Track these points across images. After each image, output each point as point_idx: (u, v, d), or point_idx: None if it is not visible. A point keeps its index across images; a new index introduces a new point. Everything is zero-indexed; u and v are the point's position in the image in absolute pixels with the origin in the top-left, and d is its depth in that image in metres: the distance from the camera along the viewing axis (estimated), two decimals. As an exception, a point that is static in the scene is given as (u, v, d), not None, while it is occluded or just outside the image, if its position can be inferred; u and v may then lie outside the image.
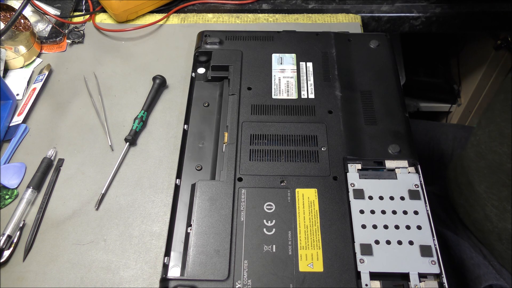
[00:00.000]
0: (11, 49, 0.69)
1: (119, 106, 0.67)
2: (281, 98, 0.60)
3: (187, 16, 0.80)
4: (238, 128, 0.57)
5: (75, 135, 0.64)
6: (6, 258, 0.52)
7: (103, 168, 0.60)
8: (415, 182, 0.52)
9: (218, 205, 0.50)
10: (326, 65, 0.64)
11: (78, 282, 0.51)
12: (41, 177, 0.58)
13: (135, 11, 0.77)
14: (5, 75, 0.70)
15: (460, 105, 1.35)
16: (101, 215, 0.56)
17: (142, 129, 0.64)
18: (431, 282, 0.45)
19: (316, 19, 0.79)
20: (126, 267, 0.52)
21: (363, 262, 0.46)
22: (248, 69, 0.63)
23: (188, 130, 0.59)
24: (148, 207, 0.57)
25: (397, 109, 0.58)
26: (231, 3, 0.81)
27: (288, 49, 0.66)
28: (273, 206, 0.50)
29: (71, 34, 0.75)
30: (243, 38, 0.67)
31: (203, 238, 0.48)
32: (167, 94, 0.68)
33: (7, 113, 0.64)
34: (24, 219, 0.56)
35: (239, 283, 0.45)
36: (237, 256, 0.46)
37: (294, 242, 0.47)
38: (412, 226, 0.48)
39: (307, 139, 0.56)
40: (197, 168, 0.55)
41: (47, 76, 0.70)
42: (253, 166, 0.53)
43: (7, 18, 0.71)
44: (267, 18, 0.79)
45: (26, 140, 0.63)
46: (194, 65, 0.66)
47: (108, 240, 0.54)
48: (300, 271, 0.45)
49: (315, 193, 0.51)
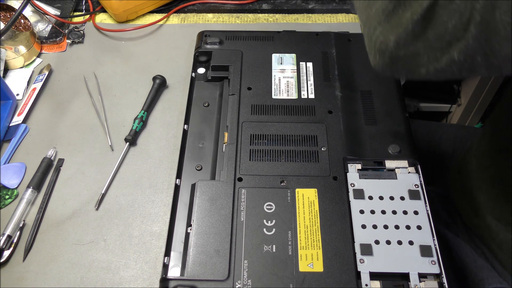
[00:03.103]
0: (11, 49, 0.69)
1: (119, 106, 0.67)
2: (281, 98, 0.60)
3: (187, 16, 0.80)
4: (238, 128, 0.57)
5: (75, 135, 0.64)
6: (6, 258, 0.52)
7: (103, 168, 0.60)
8: (415, 182, 0.52)
9: (218, 205, 0.50)
10: (326, 65, 0.64)
11: (78, 282, 0.51)
12: (41, 177, 0.58)
13: (135, 11, 0.77)
14: (5, 75, 0.70)
15: (460, 105, 1.35)
16: (101, 215, 0.56)
17: (142, 129, 0.64)
18: (431, 282, 0.45)
19: (316, 19, 0.79)
20: (126, 267, 0.52)
21: (363, 262, 0.46)
22: (248, 69, 0.63)
23: (188, 130, 0.59)
24: (148, 207, 0.57)
25: (397, 109, 0.58)
26: (231, 3, 0.81)
27: (288, 49, 0.66)
28: (273, 206, 0.50)
29: (71, 34, 0.75)
30: (243, 38, 0.67)
31: (203, 238, 0.48)
32: (167, 94, 0.68)
33: (7, 113, 0.64)
34: (24, 219, 0.56)
35: (239, 283, 0.45)
36: (237, 256, 0.46)
37: (294, 242, 0.47)
38: (412, 226, 0.48)
39: (307, 139, 0.56)
40: (197, 168, 0.55)
41: (47, 76, 0.70)
42: (253, 166, 0.53)
43: (7, 18, 0.71)
44: (267, 18, 0.79)
45: (26, 140, 0.63)
46: (194, 65, 0.66)
47: (108, 240, 0.54)
48: (300, 271, 0.45)
49: (315, 193, 0.51)
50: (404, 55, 0.38)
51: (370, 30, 0.41)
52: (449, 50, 0.36)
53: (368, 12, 0.41)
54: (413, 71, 0.39)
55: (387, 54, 0.39)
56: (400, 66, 0.40)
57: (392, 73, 0.41)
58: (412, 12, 0.36)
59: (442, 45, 0.36)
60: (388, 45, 0.39)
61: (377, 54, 0.40)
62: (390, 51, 0.38)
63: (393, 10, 0.38)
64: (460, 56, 0.35)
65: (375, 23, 0.40)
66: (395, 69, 0.40)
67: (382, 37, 0.39)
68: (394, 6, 0.38)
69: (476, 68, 0.36)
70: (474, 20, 0.34)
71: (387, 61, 0.40)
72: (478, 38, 0.34)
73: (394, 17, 0.38)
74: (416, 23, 0.36)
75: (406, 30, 0.37)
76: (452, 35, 0.35)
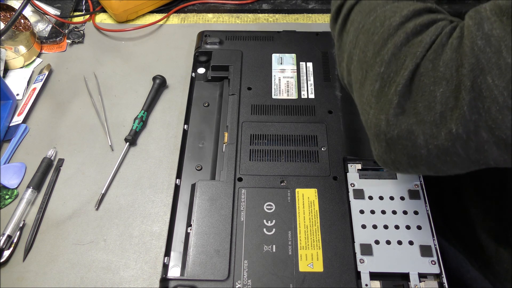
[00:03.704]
0: (11, 49, 0.69)
1: (119, 106, 0.67)
2: (281, 98, 0.60)
3: (187, 16, 0.80)
4: (238, 128, 0.57)
5: (75, 135, 0.64)
6: (6, 258, 0.52)
7: (103, 168, 0.60)
8: (415, 182, 0.52)
9: (218, 205, 0.50)
10: (326, 65, 0.64)
11: (78, 282, 0.51)
12: (41, 177, 0.58)
13: (135, 11, 0.77)
14: (5, 75, 0.70)
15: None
16: (101, 215, 0.56)
17: (142, 129, 0.64)
18: (431, 282, 0.45)
19: (316, 19, 0.79)
20: (126, 267, 0.52)
21: (363, 262, 0.46)
22: (248, 69, 0.63)
23: (188, 130, 0.59)
24: (148, 207, 0.57)
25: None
26: (231, 3, 0.81)
27: (288, 49, 0.66)
28: (273, 206, 0.50)
29: (71, 34, 0.75)
30: (243, 38, 0.67)
31: (203, 238, 0.48)
32: (167, 94, 0.68)
33: (7, 113, 0.64)
34: (24, 219, 0.56)
35: (239, 283, 0.45)
36: (237, 256, 0.46)
37: (294, 242, 0.47)
38: (412, 226, 0.48)
39: (307, 139, 0.56)
40: (197, 168, 0.55)
41: (47, 76, 0.70)
42: (253, 166, 0.53)
43: (7, 18, 0.71)
44: (267, 18, 0.79)
45: (26, 140, 0.63)
46: (194, 65, 0.66)
47: (108, 240, 0.54)
48: (300, 271, 0.45)
49: (315, 193, 0.51)
50: (398, 135, 0.35)
51: (365, 117, 0.39)
52: (445, 123, 0.32)
53: (361, 100, 0.39)
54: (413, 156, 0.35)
55: (382, 137, 0.36)
56: (398, 151, 0.36)
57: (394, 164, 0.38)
58: (396, 84, 0.35)
59: (436, 118, 0.33)
60: (381, 127, 0.36)
61: (374, 141, 0.38)
62: (384, 133, 0.36)
63: (379, 89, 0.36)
64: (458, 128, 0.32)
65: (368, 108, 0.38)
66: (394, 156, 0.37)
67: (375, 119, 0.37)
68: (380, 85, 0.36)
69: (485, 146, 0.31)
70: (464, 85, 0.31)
71: (384, 146, 0.37)
72: (473, 106, 0.30)
73: (381, 96, 0.36)
74: (402, 95, 0.34)
75: (393, 105, 0.35)
76: (444, 105, 0.32)
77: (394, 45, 0.36)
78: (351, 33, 0.41)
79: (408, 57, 0.35)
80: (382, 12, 0.38)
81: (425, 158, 0.35)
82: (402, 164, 0.37)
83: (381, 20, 0.38)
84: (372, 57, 0.37)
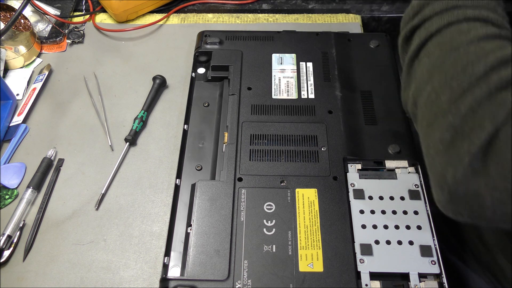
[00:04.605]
0: (11, 49, 0.69)
1: (119, 106, 0.67)
2: (281, 98, 0.60)
3: (187, 16, 0.80)
4: (238, 128, 0.57)
5: (75, 135, 0.64)
6: (6, 258, 0.52)
7: (103, 168, 0.60)
8: (415, 182, 0.52)
9: (218, 205, 0.50)
10: (326, 65, 0.64)
11: (78, 282, 0.51)
12: (41, 177, 0.58)
13: (135, 11, 0.77)
14: (5, 75, 0.70)
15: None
16: (101, 215, 0.56)
17: (142, 129, 0.64)
18: (431, 282, 0.45)
19: (316, 19, 0.79)
20: (126, 267, 0.52)
21: (363, 262, 0.46)
22: (248, 69, 0.63)
23: (188, 130, 0.59)
24: (148, 207, 0.57)
25: (397, 109, 0.58)
26: (231, 3, 0.81)
27: (288, 49, 0.66)
28: (273, 206, 0.50)
29: (71, 34, 0.75)
30: (243, 38, 0.67)
31: (203, 238, 0.48)
32: (167, 94, 0.68)
33: (7, 113, 0.64)
34: (24, 219, 0.56)
35: (239, 283, 0.45)
36: (237, 256, 0.46)
37: (294, 242, 0.47)
38: (412, 226, 0.48)
39: (307, 139, 0.56)
40: (197, 168, 0.55)
41: (47, 76, 0.70)
42: (253, 166, 0.53)
43: (7, 18, 0.71)
44: (267, 18, 0.79)
45: (26, 140, 0.63)
46: (194, 65, 0.66)
47: (108, 240, 0.54)
48: (300, 271, 0.45)
49: (315, 193, 0.51)
50: (465, 194, 0.33)
51: (429, 160, 0.37)
52: None
53: (427, 140, 0.37)
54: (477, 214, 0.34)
55: (446, 189, 0.34)
56: (461, 206, 0.34)
57: (454, 214, 0.36)
58: (470, 143, 0.32)
59: (508, 186, 0.31)
60: (447, 179, 0.34)
61: (437, 188, 0.36)
62: (449, 186, 0.34)
63: (451, 141, 0.34)
64: None
65: (434, 153, 0.36)
66: (455, 208, 0.35)
67: (441, 169, 0.35)
68: (451, 137, 0.34)
69: None
70: None
71: (447, 197, 0.35)
72: None
73: (452, 148, 0.34)
74: (475, 157, 0.32)
75: (464, 164, 0.32)
76: None
77: (474, 98, 0.33)
78: (425, 65, 0.38)
79: (487, 118, 0.32)
80: (465, 54, 0.35)
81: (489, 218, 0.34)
82: (463, 216, 0.36)
83: (463, 65, 0.35)
84: (446, 103, 0.35)
